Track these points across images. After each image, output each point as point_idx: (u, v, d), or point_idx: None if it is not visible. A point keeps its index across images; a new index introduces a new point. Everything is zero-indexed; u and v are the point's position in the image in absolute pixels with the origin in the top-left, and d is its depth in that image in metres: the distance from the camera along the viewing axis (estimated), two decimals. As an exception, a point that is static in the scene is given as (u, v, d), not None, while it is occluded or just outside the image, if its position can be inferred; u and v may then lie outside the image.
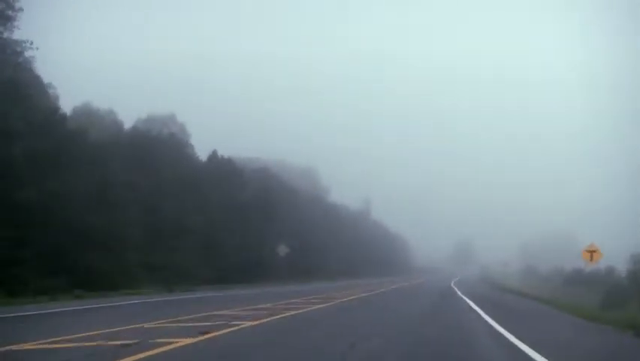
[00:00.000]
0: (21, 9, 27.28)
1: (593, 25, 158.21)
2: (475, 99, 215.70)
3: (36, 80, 33.94)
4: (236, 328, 11.33)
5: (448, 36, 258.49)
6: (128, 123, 52.48)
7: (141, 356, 7.78)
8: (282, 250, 50.34)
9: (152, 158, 39.39)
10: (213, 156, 51.70)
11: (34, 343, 9.02)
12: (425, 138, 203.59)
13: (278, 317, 14.13)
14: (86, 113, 52.83)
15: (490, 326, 13.07)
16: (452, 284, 51.05)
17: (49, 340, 9.32)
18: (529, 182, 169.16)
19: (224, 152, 54.70)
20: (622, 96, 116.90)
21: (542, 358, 8.30)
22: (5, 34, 27.69)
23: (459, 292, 32.83)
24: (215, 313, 14.80)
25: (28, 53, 29.26)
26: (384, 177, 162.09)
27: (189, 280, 39.02)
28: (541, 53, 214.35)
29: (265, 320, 13.02)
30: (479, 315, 16.50)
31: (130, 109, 59.99)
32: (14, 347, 8.62)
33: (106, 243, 30.95)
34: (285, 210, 56.59)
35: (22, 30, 27.83)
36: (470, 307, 20.00)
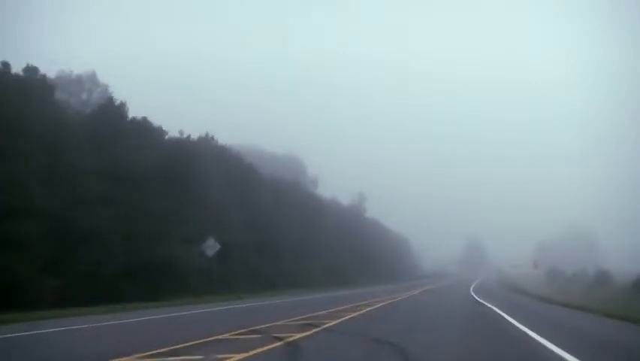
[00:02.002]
0: None
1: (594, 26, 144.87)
2: (480, 100, 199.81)
3: None
4: None
5: (448, 35, 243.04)
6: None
7: None
8: (211, 247, 32.59)
9: None
10: (107, 106, 33.86)
11: None
12: (427, 136, 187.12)
13: None
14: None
15: None
16: (477, 297, 33.38)
17: None
18: (538, 180, 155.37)
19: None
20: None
21: None
22: None
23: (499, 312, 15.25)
24: None
25: None
26: (384, 177, 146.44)
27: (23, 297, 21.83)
28: (549, 53, 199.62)
29: None
30: None
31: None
32: None
33: None
34: (223, 190, 38.99)
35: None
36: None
